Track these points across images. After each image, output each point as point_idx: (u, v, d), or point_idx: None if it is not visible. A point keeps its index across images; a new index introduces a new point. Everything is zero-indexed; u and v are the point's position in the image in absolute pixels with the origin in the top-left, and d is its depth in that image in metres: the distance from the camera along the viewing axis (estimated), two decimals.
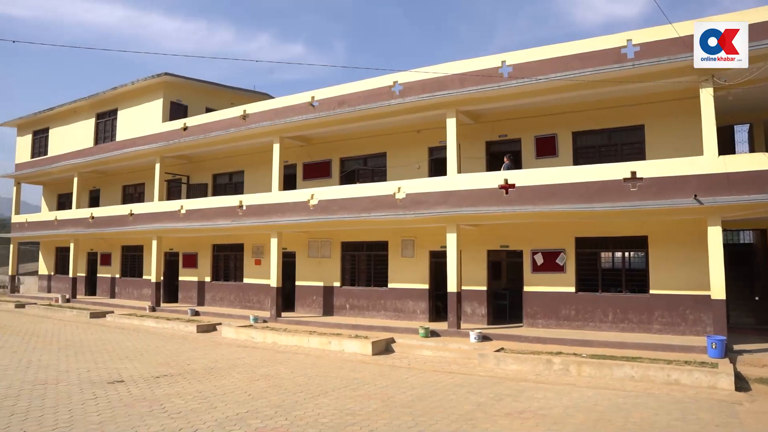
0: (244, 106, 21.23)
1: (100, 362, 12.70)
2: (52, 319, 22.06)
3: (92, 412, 8.48)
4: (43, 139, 32.00)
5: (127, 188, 29.10)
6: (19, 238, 32.72)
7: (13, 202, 33.94)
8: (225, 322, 19.29)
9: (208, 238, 23.65)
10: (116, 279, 28.37)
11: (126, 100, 26.58)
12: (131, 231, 24.76)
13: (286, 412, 8.54)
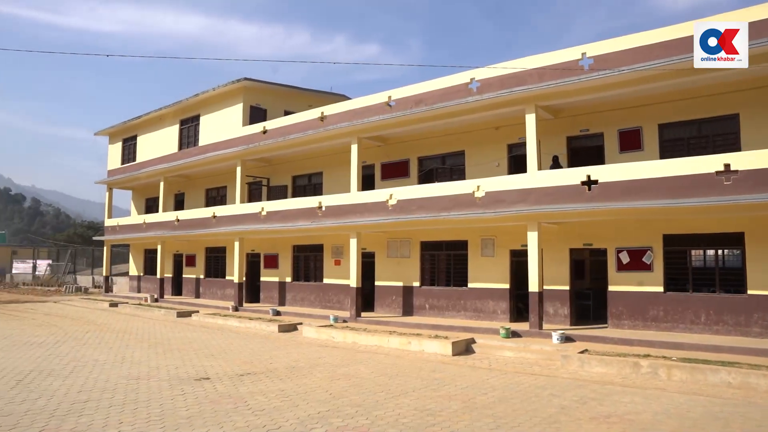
0: (321, 108, 21.51)
1: (187, 360, 13.12)
2: (142, 317, 23.08)
3: (181, 407, 8.74)
4: (132, 147, 33.62)
5: (210, 191, 30.13)
6: (112, 240, 34.51)
7: (106, 207, 35.81)
8: (305, 321, 19.58)
9: (288, 239, 24.13)
10: (201, 279, 29.41)
11: (207, 106, 27.51)
12: (214, 233, 25.60)
13: (366, 412, 8.51)
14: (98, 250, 42.00)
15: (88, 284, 40.01)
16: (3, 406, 8.71)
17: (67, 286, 39.08)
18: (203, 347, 15.17)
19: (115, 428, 7.60)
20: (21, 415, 8.20)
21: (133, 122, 32.63)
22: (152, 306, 25.98)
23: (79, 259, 47.43)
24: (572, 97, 15.54)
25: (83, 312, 25.08)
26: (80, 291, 37.64)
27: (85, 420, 7.95)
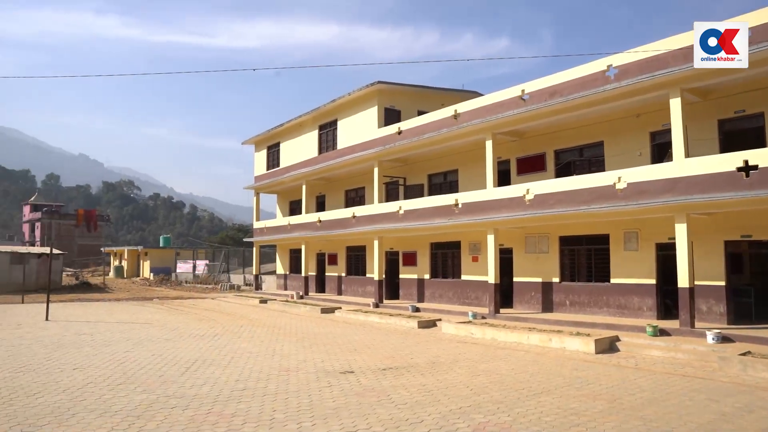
0: (454, 106, 21.56)
1: (332, 354, 13.72)
2: (289, 313, 24.40)
3: (328, 398, 9.18)
4: (276, 153, 35.60)
5: (349, 192, 31.20)
6: (260, 241, 36.78)
7: (254, 211, 38.22)
8: (444, 318, 19.74)
9: (425, 236, 24.44)
10: (342, 277, 30.54)
11: (344, 110, 28.51)
12: (354, 232, 26.50)
13: (508, 409, 8.49)
14: (248, 251, 44.91)
15: (240, 282, 42.92)
16: (176, 389, 9.69)
17: (222, 284, 42.22)
18: (346, 342, 15.78)
19: (269, 415, 8.16)
20: (191, 398, 9.07)
21: (276, 130, 34.55)
22: (298, 303, 27.38)
23: (232, 259, 51.00)
24: (724, 76, 14.30)
25: (237, 308, 26.99)
26: (233, 289, 40.50)
27: (244, 406, 8.62)
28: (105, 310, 25.02)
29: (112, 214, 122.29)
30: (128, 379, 10.50)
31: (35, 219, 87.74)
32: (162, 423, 7.70)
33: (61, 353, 13.31)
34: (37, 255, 38.04)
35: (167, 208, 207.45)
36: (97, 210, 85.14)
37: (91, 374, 10.89)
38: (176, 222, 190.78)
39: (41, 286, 33.43)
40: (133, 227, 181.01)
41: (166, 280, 49.16)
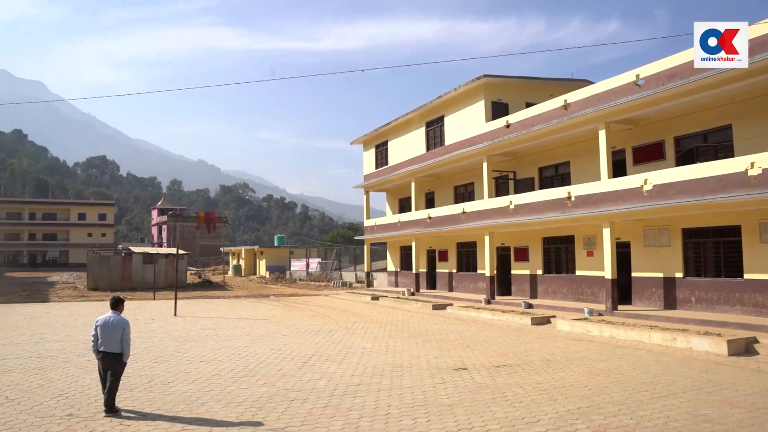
0: (564, 96, 20.85)
1: (445, 350, 13.68)
2: (400, 310, 24.59)
3: (442, 395, 9.16)
4: (384, 151, 35.99)
5: (458, 188, 30.99)
6: (371, 239, 37.35)
7: (364, 209, 38.89)
8: (558, 314, 19.15)
9: (537, 231, 23.83)
10: (453, 274, 30.39)
11: (450, 106, 28.33)
12: (464, 228, 26.30)
13: (630, 411, 8.07)
14: (359, 249, 45.74)
15: (351, 279, 43.80)
16: (294, 383, 10.04)
17: (334, 282, 43.32)
18: (459, 338, 15.68)
19: (385, 410, 8.26)
20: (308, 392, 9.37)
21: (383, 129, 34.92)
22: (409, 299, 27.55)
23: (343, 257, 52.17)
24: None
25: (349, 305, 27.56)
26: (345, 286, 41.41)
27: (359, 401, 8.78)
28: (226, 306, 26.37)
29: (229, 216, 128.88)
30: (250, 372, 10.98)
31: (162, 222, 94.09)
32: (282, 415, 8.00)
33: (188, 346, 14.16)
34: (165, 255, 40.72)
35: (280, 209, 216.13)
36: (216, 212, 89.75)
37: (216, 367, 11.50)
38: (289, 222, 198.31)
39: (169, 284, 35.76)
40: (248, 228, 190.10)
41: (281, 278, 51.11)
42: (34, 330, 17.38)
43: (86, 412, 8.13)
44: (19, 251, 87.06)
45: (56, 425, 7.53)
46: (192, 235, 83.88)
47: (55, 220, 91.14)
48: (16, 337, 15.94)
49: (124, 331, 8.17)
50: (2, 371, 11.10)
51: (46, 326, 18.37)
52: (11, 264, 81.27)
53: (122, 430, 7.36)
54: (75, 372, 10.97)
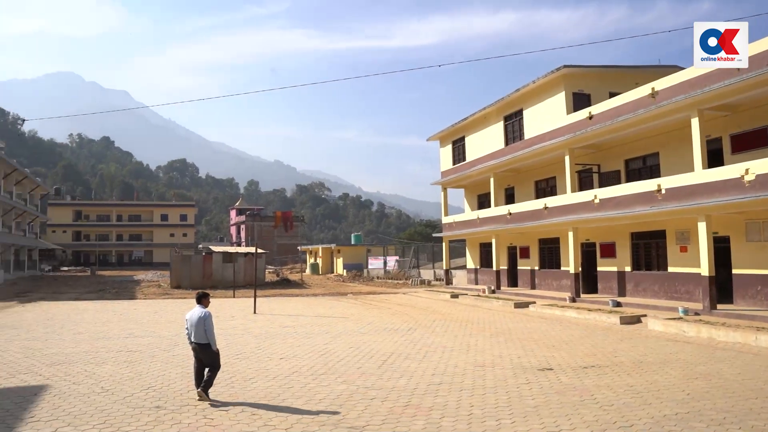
0: (651, 84, 19.78)
1: (528, 350, 13.19)
2: (481, 308, 24.09)
3: (527, 396, 8.78)
4: (461, 147, 35.50)
5: (539, 183, 30.11)
6: (449, 236, 36.96)
7: (442, 206, 38.51)
8: (650, 313, 18.17)
9: (624, 226, 22.74)
10: (535, 271, 29.57)
11: (529, 99, 27.55)
12: (546, 224, 25.49)
13: (738, 420, 7.37)
14: (437, 246, 45.44)
15: (430, 277, 43.48)
16: (375, 381, 9.88)
17: (412, 280, 43.12)
18: (543, 338, 15.13)
19: (467, 410, 7.97)
20: (389, 391, 9.18)
21: (460, 125, 34.44)
22: (490, 297, 26.99)
23: (421, 255, 51.93)
24: None
25: (428, 302, 27.29)
26: (424, 283, 41.15)
27: (441, 400, 8.50)
28: (304, 304, 26.67)
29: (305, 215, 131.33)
30: (329, 369, 10.91)
31: (240, 222, 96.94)
32: (362, 413, 7.85)
33: (268, 343, 14.30)
34: (244, 254, 41.75)
35: (356, 207, 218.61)
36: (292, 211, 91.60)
37: (296, 364, 11.50)
38: (365, 220, 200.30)
39: (248, 282, 36.63)
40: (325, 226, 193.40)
41: (358, 276, 51.41)
42: (123, 326, 18.10)
43: (173, 405, 8.31)
44: (108, 251, 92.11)
45: (146, 416, 7.77)
46: (270, 235, 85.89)
47: (139, 221, 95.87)
48: (107, 332, 16.65)
49: (205, 322, 8.63)
50: (98, 363, 11.60)
51: (134, 322, 19.11)
52: (101, 263, 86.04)
53: (206, 422, 7.45)
54: (161, 366, 11.26)
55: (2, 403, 8.50)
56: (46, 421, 7.55)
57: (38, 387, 9.55)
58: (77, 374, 10.53)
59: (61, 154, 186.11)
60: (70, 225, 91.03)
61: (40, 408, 8.19)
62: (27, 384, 9.82)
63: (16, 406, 8.36)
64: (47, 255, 77.33)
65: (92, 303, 27.14)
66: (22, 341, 14.77)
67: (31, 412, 7.97)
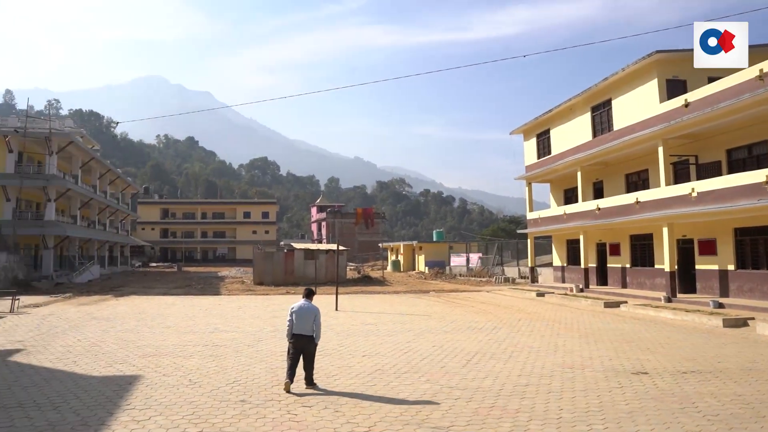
0: (758, 66, 18.27)
1: (620, 352, 12.50)
2: (568, 307, 23.23)
3: (620, 400, 8.28)
4: (546, 140, 34.47)
5: (629, 176, 28.74)
6: (534, 233, 35.97)
7: (526, 201, 37.58)
8: (758, 316, 16.88)
9: (727, 221, 21.24)
10: (626, 269, 28.26)
11: (617, 88, 26.34)
12: (638, 219, 24.27)
13: None
14: (521, 243, 44.39)
15: (514, 275, 42.54)
16: (459, 381, 9.61)
17: (496, 277, 42.31)
18: (635, 339, 14.32)
19: (556, 414, 7.61)
20: (473, 391, 8.90)
21: (544, 117, 33.43)
22: (578, 296, 26.02)
23: (505, 252, 50.87)
24: None
25: (512, 301, 26.61)
26: (508, 281, 40.28)
27: (527, 403, 8.16)
28: (385, 302, 26.57)
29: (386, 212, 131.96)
30: (412, 368, 10.71)
31: (321, 219, 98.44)
32: (447, 413, 7.64)
33: (350, 341, 14.25)
34: (325, 251, 42.27)
35: (437, 203, 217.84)
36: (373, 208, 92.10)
37: (379, 362, 11.37)
38: (447, 216, 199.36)
39: (329, 279, 37.06)
40: (406, 223, 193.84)
41: (440, 274, 51.04)
42: (209, 320, 18.58)
43: (257, 399, 8.40)
44: (193, 248, 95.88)
45: (232, 409, 7.89)
46: (350, 231, 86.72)
47: (223, 219, 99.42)
48: (194, 326, 17.14)
49: (315, 317, 9.21)
50: (185, 356, 11.93)
51: (219, 317, 19.59)
52: (187, 259, 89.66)
53: (290, 418, 7.46)
54: (246, 361, 11.41)
55: (103, 390, 8.98)
56: (140, 409, 7.87)
57: (132, 377, 9.95)
58: (167, 366, 10.87)
59: (149, 155, 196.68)
60: (157, 222, 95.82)
61: (135, 397, 8.57)
62: (123, 374, 10.26)
63: (114, 393, 8.81)
64: (137, 251, 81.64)
65: (179, 298, 28.17)
66: (116, 333, 15.48)
67: (127, 400, 8.37)
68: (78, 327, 16.67)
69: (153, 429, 7.04)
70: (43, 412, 7.79)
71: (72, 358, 11.72)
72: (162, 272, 59.88)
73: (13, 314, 19.97)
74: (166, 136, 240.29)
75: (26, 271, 37.11)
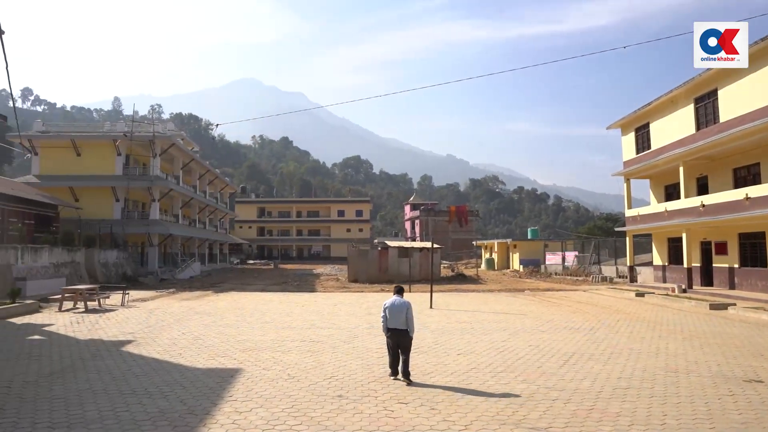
0: None
1: (730, 357, 11.88)
2: (669, 308, 22.24)
3: (731, 409, 7.91)
4: (645, 135, 33.11)
5: (738, 171, 27.10)
6: (633, 231, 34.64)
7: (625, 198, 36.21)
8: None
9: None
10: (734, 269, 26.71)
11: (724, 77, 24.91)
12: (748, 216, 22.90)
13: None
14: (619, 241, 42.85)
15: (611, 274, 41.10)
16: (556, 382, 9.53)
17: (593, 276, 41.05)
18: (747, 344, 13.56)
19: (659, 419, 7.41)
20: (571, 392, 8.81)
21: (643, 110, 32.13)
22: (680, 296, 24.86)
23: (602, 250, 49.22)
24: None
25: (610, 301, 25.75)
26: (605, 280, 38.97)
27: (628, 406, 7.99)
28: (480, 300, 26.41)
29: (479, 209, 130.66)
30: (508, 367, 10.69)
31: (414, 217, 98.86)
32: (544, 414, 7.62)
33: (445, 339, 14.35)
34: (419, 249, 42.49)
35: (531, 201, 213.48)
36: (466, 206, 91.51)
37: (474, 360, 11.43)
38: (541, 214, 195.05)
39: (423, 277, 37.22)
40: (500, 221, 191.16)
41: (535, 272, 50.09)
42: (306, 317, 19.16)
43: (354, 395, 8.63)
44: (288, 245, 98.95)
45: (329, 404, 8.15)
46: (444, 229, 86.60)
47: (318, 217, 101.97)
48: (291, 322, 17.75)
49: (408, 311, 9.62)
50: (284, 351, 12.42)
51: (315, 314, 20.16)
52: (283, 257, 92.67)
53: (387, 414, 7.64)
54: (342, 357, 11.75)
55: (206, 382, 9.54)
56: (242, 401, 8.29)
57: (233, 370, 10.49)
58: (266, 360, 11.36)
59: (246, 155, 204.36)
60: (254, 221, 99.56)
61: (236, 389, 9.02)
62: (224, 366, 10.83)
63: (217, 385, 9.33)
64: (235, 249, 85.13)
65: (276, 294, 29.15)
66: (218, 327, 16.32)
67: (229, 392, 8.83)
68: (182, 321, 17.72)
69: (255, 420, 7.39)
70: (153, 399, 8.39)
71: (177, 350, 12.49)
72: (259, 269, 62.12)
73: (123, 307, 21.51)
74: (261, 137, 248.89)
75: (134, 268, 39.77)
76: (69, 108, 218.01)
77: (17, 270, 25.35)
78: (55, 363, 11.15)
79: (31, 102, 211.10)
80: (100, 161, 43.66)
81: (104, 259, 35.59)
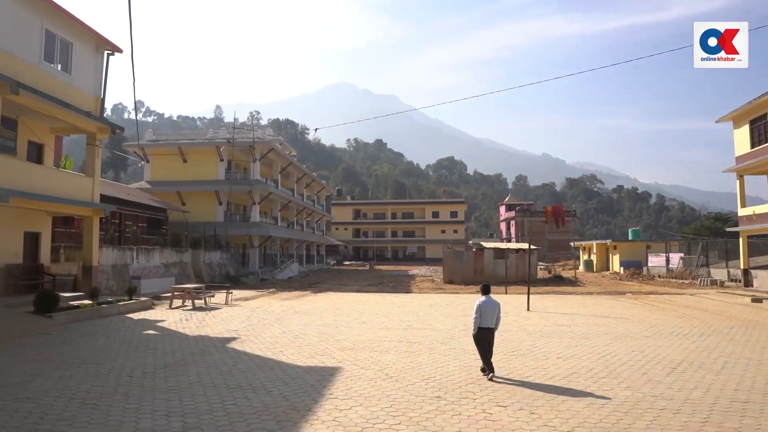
0: None
1: None
2: None
3: None
4: (761, 127, 30.90)
5: None
6: (747, 231, 32.43)
7: (738, 196, 33.94)
8: None
9: None
10: None
11: None
12: None
13: None
14: (731, 242, 40.21)
15: (722, 277, 38.58)
16: (663, 390, 9.07)
17: (700, 279, 38.72)
18: None
19: None
20: (681, 402, 8.34)
21: (759, 101, 29.97)
22: None
23: (710, 252, 46.36)
24: None
25: (721, 306, 24.18)
26: (714, 284, 36.65)
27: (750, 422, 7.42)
28: (578, 302, 25.53)
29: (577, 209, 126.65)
30: (610, 373, 10.29)
31: (509, 218, 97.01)
32: (651, 423, 7.29)
33: (543, 342, 13.99)
34: (515, 250, 41.64)
35: (632, 200, 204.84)
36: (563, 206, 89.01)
37: (574, 364, 11.07)
38: (642, 213, 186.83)
39: (520, 279, 36.47)
40: (598, 221, 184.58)
41: (636, 274, 47.84)
42: (402, 317, 19.28)
43: (452, 396, 8.61)
44: (384, 247, 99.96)
45: (428, 404, 8.18)
46: (540, 230, 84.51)
47: (412, 219, 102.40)
48: (388, 322, 17.91)
49: (499, 311, 10.10)
50: (381, 351, 12.56)
51: (411, 314, 20.24)
52: (378, 258, 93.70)
53: (485, 416, 7.58)
54: (440, 359, 11.72)
55: (307, 379, 9.80)
56: (342, 399, 8.46)
57: (333, 368, 10.71)
58: (364, 360, 11.53)
59: (341, 158, 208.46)
60: (350, 223, 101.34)
61: (336, 387, 9.22)
62: (324, 365, 11.09)
63: (317, 382, 9.58)
64: (332, 250, 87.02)
65: (372, 295, 29.51)
66: (317, 326, 16.71)
67: (329, 390, 9.04)
68: (282, 320, 18.31)
69: (354, 418, 7.50)
70: (258, 394, 8.72)
71: (279, 348, 12.92)
72: (355, 270, 63.16)
73: (227, 306, 22.48)
74: (355, 140, 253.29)
75: (236, 268, 41.56)
76: (176, 117, 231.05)
77: (133, 269, 27.21)
78: (168, 356, 11.87)
79: (142, 113, 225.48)
80: (204, 167, 45.96)
81: (209, 260, 37.40)
